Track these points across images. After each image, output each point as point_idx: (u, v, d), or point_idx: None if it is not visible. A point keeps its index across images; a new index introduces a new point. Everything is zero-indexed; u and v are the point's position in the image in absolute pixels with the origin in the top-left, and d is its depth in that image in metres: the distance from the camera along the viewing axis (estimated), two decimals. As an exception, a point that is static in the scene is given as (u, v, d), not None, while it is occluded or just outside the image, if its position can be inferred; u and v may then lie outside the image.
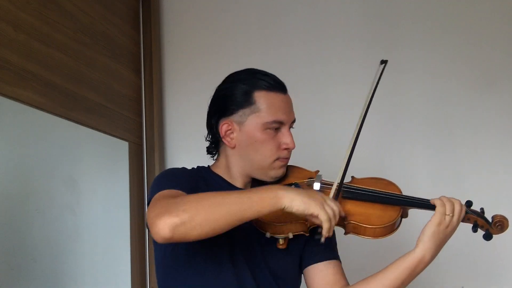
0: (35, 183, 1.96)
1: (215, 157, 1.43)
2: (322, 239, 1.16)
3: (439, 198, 1.28)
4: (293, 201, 1.12)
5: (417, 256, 1.24)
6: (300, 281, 1.40)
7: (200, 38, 2.45)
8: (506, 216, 1.32)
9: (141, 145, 2.32)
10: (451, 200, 1.27)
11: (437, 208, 1.26)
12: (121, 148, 2.22)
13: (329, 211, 1.14)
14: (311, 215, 1.13)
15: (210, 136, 1.40)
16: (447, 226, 1.25)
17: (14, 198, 1.87)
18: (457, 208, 1.26)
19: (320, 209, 1.13)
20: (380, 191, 1.32)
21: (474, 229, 1.32)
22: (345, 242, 1.42)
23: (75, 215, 2.08)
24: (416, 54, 2.24)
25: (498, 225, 1.31)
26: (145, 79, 2.38)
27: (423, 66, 2.23)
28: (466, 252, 2.09)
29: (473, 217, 1.32)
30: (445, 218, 1.25)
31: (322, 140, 2.20)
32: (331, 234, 1.16)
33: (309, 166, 1.41)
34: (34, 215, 1.92)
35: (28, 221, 1.90)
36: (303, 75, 2.30)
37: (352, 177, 1.38)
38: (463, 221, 1.32)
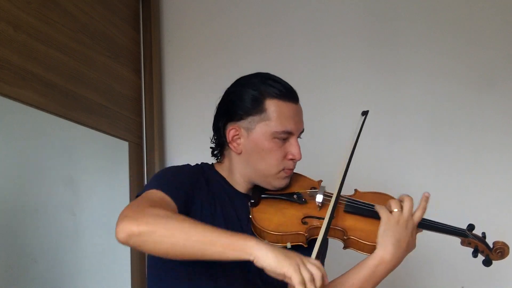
0: (35, 183, 1.96)
1: (219, 159, 1.40)
2: None
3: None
4: (266, 254, 1.01)
5: (375, 256, 1.24)
6: None
7: (200, 38, 2.45)
8: (509, 246, 1.33)
9: (141, 145, 2.32)
10: (399, 198, 1.28)
11: (376, 208, 1.27)
12: (121, 148, 2.22)
13: (305, 275, 1.01)
14: (284, 275, 1.01)
15: (216, 138, 1.37)
16: (398, 222, 1.24)
17: (14, 198, 1.87)
18: (406, 204, 1.26)
19: (293, 271, 1.00)
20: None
21: (474, 254, 1.33)
22: (342, 256, 1.40)
23: (75, 215, 2.09)
24: (416, 54, 2.24)
25: (498, 252, 1.32)
26: (145, 79, 2.38)
27: (423, 66, 2.23)
28: (466, 252, 2.09)
29: (474, 241, 1.32)
30: (392, 214, 1.25)
31: (321, 139, 2.20)
32: None
33: (307, 164, 1.40)
34: (34, 215, 1.92)
35: (28, 221, 1.90)
36: (303, 75, 2.30)
37: (355, 190, 1.36)
38: (463, 244, 1.35)
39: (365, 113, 1.34)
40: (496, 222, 2.04)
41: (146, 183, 2.29)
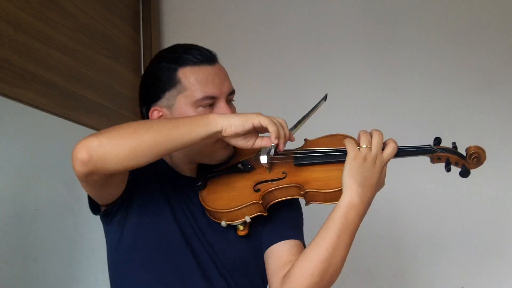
0: (35, 183, 1.96)
1: None
2: (272, 151, 1.09)
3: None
4: (230, 118, 1.05)
5: (342, 203, 1.10)
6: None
7: (200, 38, 2.42)
8: (483, 148, 1.19)
9: (141, 145, 2.32)
10: (368, 132, 1.16)
11: (345, 142, 1.15)
12: (121, 148, 2.22)
13: (269, 117, 1.08)
14: (253, 127, 1.07)
15: None
16: (365, 159, 1.12)
17: (14, 198, 1.87)
18: (375, 139, 1.14)
19: (257, 116, 1.07)
20: (334, 149, 1.19)
21: (447, 168, 1.18)
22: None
23: (75, 215, 2.08)
24: (416, 54, 2.24)
25: (474, 158, 1.17)
26: (145, 79, 2.38)
27: (422, 67, 2.23)
28: (466, 252, 2.09)
29: (444, 155, 1.19)
30: (360, 151, 1.12)
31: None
32: (281, 143, 1.09)
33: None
34: (34, 215, 1.92)
35: (28, 221, 1.90)
36: (303, 75, 2.30)
37: (305, 139, 1.26)
38: (433, 162, 1.21)
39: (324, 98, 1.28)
40: (499, 222, 2.05)
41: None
